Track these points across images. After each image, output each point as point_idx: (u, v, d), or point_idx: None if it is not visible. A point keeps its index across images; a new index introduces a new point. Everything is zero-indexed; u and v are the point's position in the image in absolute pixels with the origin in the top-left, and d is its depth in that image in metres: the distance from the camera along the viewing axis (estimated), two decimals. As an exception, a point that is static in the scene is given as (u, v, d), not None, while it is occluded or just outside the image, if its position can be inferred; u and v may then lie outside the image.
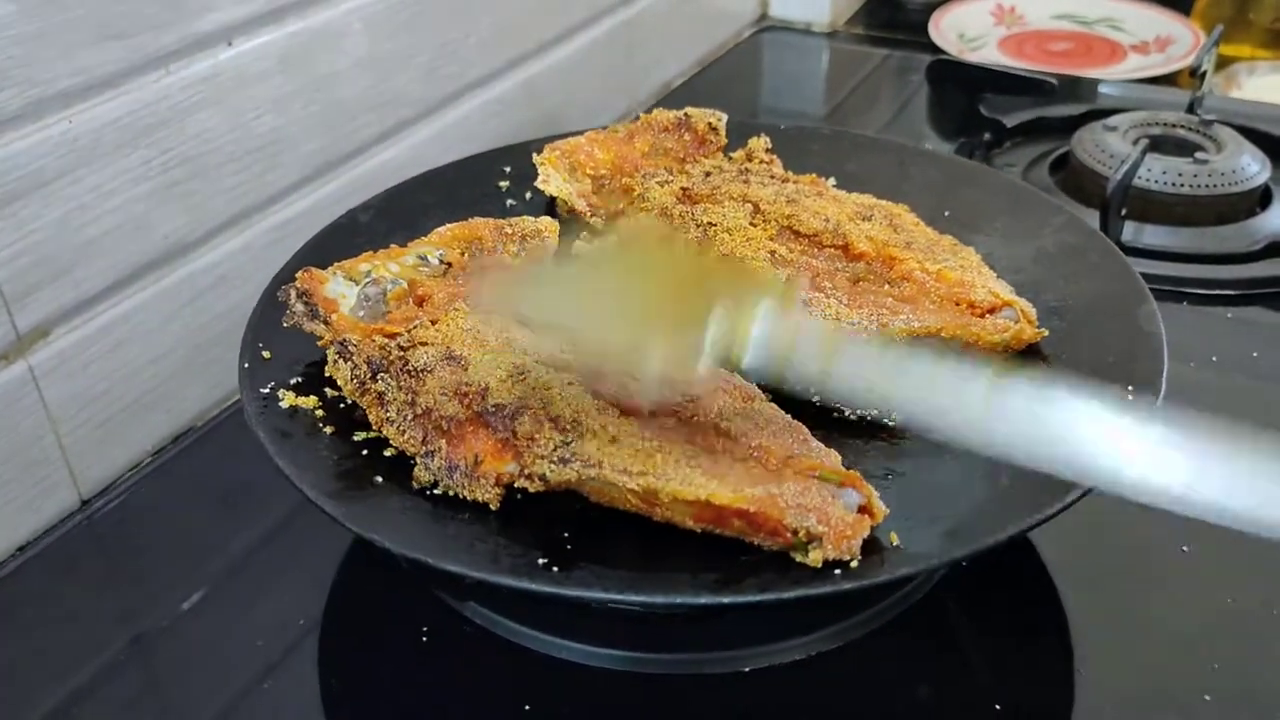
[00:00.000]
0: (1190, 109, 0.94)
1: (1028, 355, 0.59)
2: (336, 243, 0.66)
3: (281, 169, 0.72)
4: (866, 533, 0.45)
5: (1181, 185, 0.85)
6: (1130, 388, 0.53)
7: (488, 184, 0.75)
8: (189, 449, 0.69)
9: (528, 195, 0.75)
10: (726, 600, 0.43)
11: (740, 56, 1.24)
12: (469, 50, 0.86)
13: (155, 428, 0.69)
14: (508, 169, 0.76)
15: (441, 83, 0.84)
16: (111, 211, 0.63)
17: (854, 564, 0.45)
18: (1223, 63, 1.15)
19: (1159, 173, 0.86)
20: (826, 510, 0.45)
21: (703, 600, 0.43)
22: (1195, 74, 0.96)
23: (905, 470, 0.52)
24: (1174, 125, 0.92)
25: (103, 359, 0.64)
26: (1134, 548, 0.59)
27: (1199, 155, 0.87)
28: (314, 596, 0.57)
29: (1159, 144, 0.89)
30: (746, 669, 0.53)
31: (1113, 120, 0.93)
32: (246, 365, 0.56)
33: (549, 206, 0.74)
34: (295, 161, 0.73)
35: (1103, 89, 1.07)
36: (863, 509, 0.46)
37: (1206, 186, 0.85)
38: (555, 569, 0.45)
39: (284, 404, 0.55)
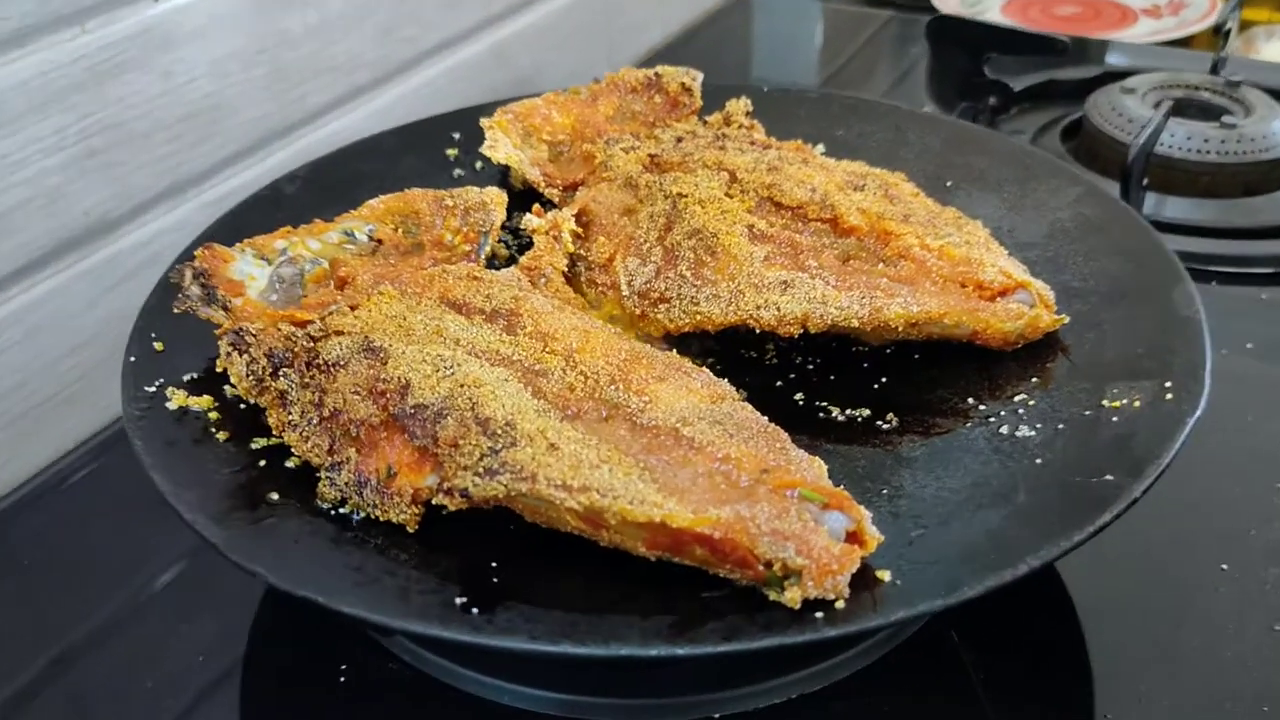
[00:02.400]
0: (1214, 70, 0.91)
1: (1045, 345, 0.54)
2: (256, 217, 0.63)
3: (219, 139, 0.70)
4: (856, 566, 0.40)
5: (1208, 152, 0.82)
6: (1168, 385, 0.48)
7: (434, 152, 0.72)
8: (114, 448, 0.64)
9: (478, 165, 0.71)
10: (682, 652, 0.37)
11: (728, 20, 1.21)
12: (430, 10, 0.83)
13: (77, 424, 0.66)
14: (457, 135, 0.72)
15: (399, 46, 0.81)
16: (21, 184, 0.60)
17: (839, 604, 0.39)
18: (1240, 27, 1.11)
19: (1183, 139, 0.82)
20: (808, 538, 0.39)
21: (653, 652, 0.37)
22: (1220, 32, 0.93)
23: (903, 483, 0.47)
24: (1198, 87, 0.89)
25: (15, 348, 0.61)
26: (1166, 565, 0.54)
27: (1226, 119, 0.84)
28: (238, 622, 0.53)
29: (1182, 107, 0.86)
30: (716, 716, 0.47)
31: (1131, 82, 0.89)
32: (132, 359, 0.52)
33: (502, 178, 0.70)
34: (235, 130, 0.71)
35: (1118, 50, 1.04)
36: (852, 535, 0.41)
37: (1235, 154, 0.82)
38: (475, 610, 0.39)
39: (172, 404, 0.50)
